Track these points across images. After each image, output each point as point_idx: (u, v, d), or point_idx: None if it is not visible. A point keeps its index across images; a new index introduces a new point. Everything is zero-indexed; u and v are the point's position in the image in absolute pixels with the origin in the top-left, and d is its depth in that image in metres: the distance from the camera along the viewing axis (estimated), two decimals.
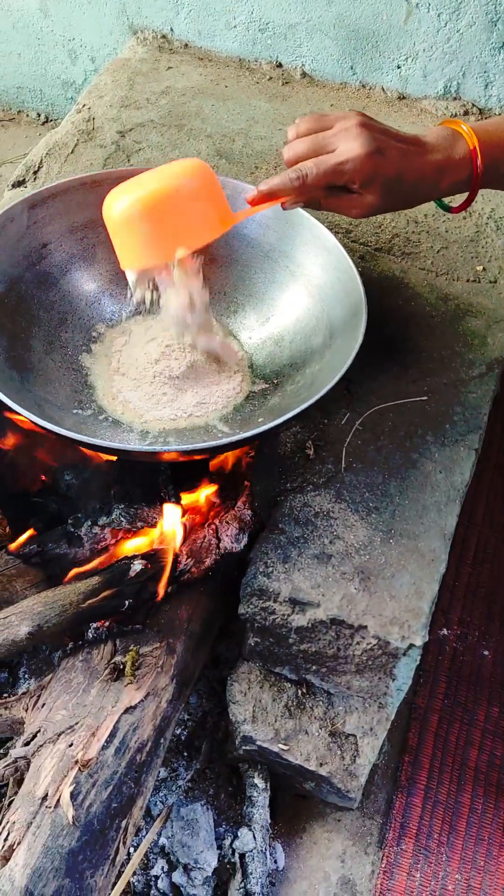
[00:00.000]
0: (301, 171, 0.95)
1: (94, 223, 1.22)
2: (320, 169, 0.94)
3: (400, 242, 1.42)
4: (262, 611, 1.06)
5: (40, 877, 0.88)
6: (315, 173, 0.95)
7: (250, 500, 1.22)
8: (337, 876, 1.18)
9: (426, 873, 1.21)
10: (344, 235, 1.42)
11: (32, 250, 1.17)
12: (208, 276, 1.27)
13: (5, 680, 1.30)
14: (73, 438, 0.94)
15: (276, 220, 1.21)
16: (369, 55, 1.72)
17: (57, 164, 1.51)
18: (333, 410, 1.19)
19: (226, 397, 1.17)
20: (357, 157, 0.93)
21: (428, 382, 1.23)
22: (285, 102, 1.71)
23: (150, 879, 1.13)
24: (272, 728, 1.12)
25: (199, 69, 1.79)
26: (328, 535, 1.08)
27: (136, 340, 1.20)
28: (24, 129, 2.24)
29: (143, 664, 1.10)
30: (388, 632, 1.02)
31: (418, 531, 1.09)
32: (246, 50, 1.81)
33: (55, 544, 1.17)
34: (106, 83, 1.71)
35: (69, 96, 2.19)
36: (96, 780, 0.97)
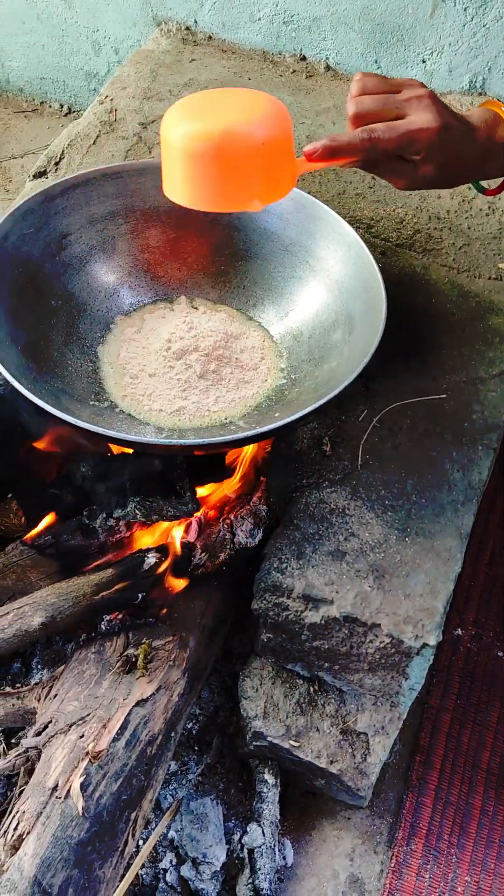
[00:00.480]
0: (373, 132, 0.90)
1: (115, 214, 1.22)
2: (393, 134, 0.90)
3: (421, 239, 1.41)
4: (275, 607, 1.06)
5: (49, 867, 0.89)
6: (387, 137, 0.90)
7: (266, 496, 1.21)
8: (346, 874, 1.18)
9: (435, 874, 1.20)
10: (365, 231, 1.41)
11: (52, 241, 1.17)
12: (227, 271, 1.27)
13: (18, 670, 1.31)
14: (89, 430, 0.94)
15: (296, 215, 1.20)
16: (394, 49, 1.70)
17: (79, 155, 1.51)
18: (351, 407, 1.18)
19: (245, 392, 1.16)
20: (431, 129, 0.90)
21: (447, 380, 1.22)
22: (308, 96, 1.70)
23: (159, 872, 1.14)
24: (283, 724, 1.11)
25: (222, 61, 1.78)
26: (343, 533, 1.07)
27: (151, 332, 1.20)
28: (46, 120, 2.23)
29: (156, 657, 1.10)
30: (401, 630, 1.01)
31: (434, 530, 1.08)
32: (270, 42, 1.80)
33: (70, 536, 1.18)
34: (129, 75, 1.71)
35: (92, 87, 2.19)
36: (106, 771, 0.97)
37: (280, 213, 1.22)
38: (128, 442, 1.01)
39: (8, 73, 2.24)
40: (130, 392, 1.15)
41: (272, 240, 1.23)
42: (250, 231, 1.25)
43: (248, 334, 1.22)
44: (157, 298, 1.26)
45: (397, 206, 1.45)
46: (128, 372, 1.16)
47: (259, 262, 1.25)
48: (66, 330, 1.17)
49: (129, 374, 1.16)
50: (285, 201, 1.20)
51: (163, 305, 1.25)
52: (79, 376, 1.14)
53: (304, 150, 0.93)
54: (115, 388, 1.15)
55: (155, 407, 1.13)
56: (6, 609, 1.08)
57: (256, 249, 1.25)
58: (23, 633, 1.06)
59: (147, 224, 1.24)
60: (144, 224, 1.24)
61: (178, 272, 1.27)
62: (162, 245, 1.26)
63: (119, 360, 1.18)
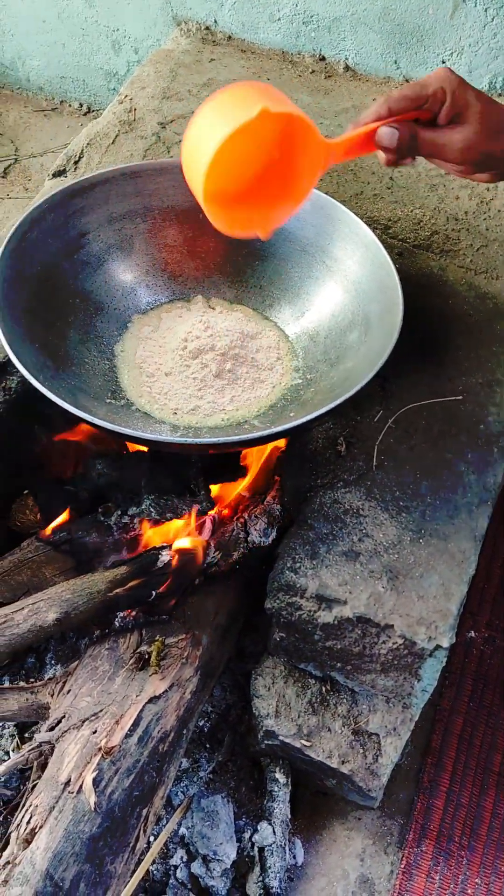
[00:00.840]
0: (382, 100, 0.91)
1: (133, 214, 1.23)
2: (401, 91, 0.90)
3: (439, 240, 1.40)
4: (288, 606, 1.06)
5: (61, 861, 0.89)
6: (396, 95, 0.90)
7: (280, 495, 1.22)
8: (356, 874, 1.18)
9: (446, 876, 1.20)
10: (382, 231, 1.41)
11: (70, 240, 1.18)
12: (244, 270, 1.27)
13: (32, 665, 1.32)
14: (105, 428, 0.94)
15: (313, 215, 1.20)
16: (414, 49, 1.70)
17: (98, 154, 1.52)
18: (367, 407, 1.18)
19: (260, 392, 1.16)
20: (441, 77, 0.90)
21: (463, 382, 1.21)
22: (327, 96, 1.70)
23: (169, 869, 1.14)
24: (295, 724, 1.11)
25: (241, 61, 1.79)
26: (357, 533, 1.07)
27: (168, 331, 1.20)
28: (66, 119, 2.25)
29: (169, 655, 1.10)
30: (414, 632, 1.01)
31: (449, 531, 1.08)
32: (289, 43, 1.80)
33: (85, 532, 1.18)
34: (148, 74, 1.72)
35: (112, 87, 2.20)
36: (119, 767, 0.97)
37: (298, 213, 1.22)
38: (143, 440, 1.01)
39: (28, 72, 2.25)
40: (146, 390, 1.15)
41: (289, 240, 1.24)
42: None
43: (264, 334, 1.22)
44: (174, 297, 1.27)
45: (415, 207, 1.45)
46: (144, 370, 1.17)
47: (276, 261, 1.25)
48: (84, 328, 1.18)
49: (145, 372, 1.17)
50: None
51: (179, 304, 1.26)
52: (95, 374, 1.15)
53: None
54: (132, 387, 1.16)
55: (171, 406, 1.13)
56: (21, 604, 1.09)
57: (273, 249, 1.25)
58: (37, 628, 1.06)
59: (165, 223, 1.25)
60: (162, 223, 1.25)
61: (195, 271, 1.27)
62: (179, 244, 1.26)
63: (135, 358, 1.19)
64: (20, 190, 2.03)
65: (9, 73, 2.27)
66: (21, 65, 2.24)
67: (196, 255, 1.27)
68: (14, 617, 1.06)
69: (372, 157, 1.53)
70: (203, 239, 1.26)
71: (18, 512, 1.25)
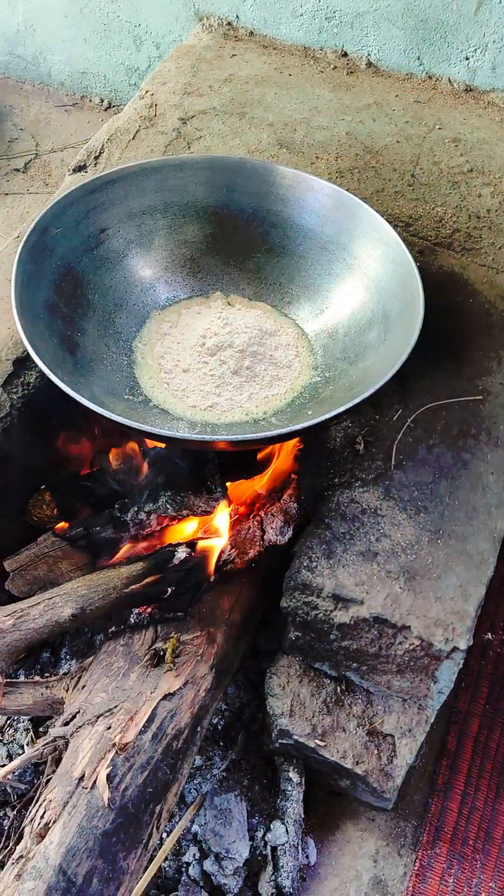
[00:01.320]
0: None
1: (153, 209, 1.23)
2: None
3: (461, 238, 1.39)
4: (304, 605, 1.06)
5: (74, 856, 0.89)
6: None
7: (297, 494, 1.21)
8: (369, 875, 1.17)
9: (459, 879, 1.19)
10: (403, 229, 1.39)
11: (90, 235, 1.18)
12: (263, 267, 1.27)
13: (47, 660, 1.32)
14: (123, 424, 0.94)
15: (334, 212, 1.20)
16: (437, 46, 1.69)
17: (118, 149, 1.52)
18: (385, 406, 1.18)
19: (278, 389, 1.16)
20: None
21: (483, 382, 1.20)
22: (349, 92, 1.69)
23: (182, 866, 1.14)
24: (309, 723, 1.11)
25: (263, 57, 1.78)
26: (375, 533, 1.07)
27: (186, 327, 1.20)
28: (86, 115, 2.25)
29: (184, 652, 1.10)
30: (431, 633, 1.00)
31: (467, 533, 1.07)
32: (311, 38, 1.79)
33: (101, 528, 1.18)
34: (169, 70, 1.71)
35: (132, 82, 2.19)
36: (132, 764, 0.97)
37: (318, 210, 1.22)
38: (161, 437, 1.01)
39: (50, 67, 2.25)
40: (164, 387, 1.15)
41: (310, 237, 1.23)
42: (287, 228, 1.24)
43: (283, 331, 1.21)
44: (193, 294, 1.26)
45: (437, 205, 1.44)
46: (162, 367, 1.17)
47: (296, 259, 1.25)
48: (103, 324, 1.18)
49: (163, 369, 1.17)
50: (323, 198, 1.21)
51: (198, 301, 1.25)
52: (114, 370, 1.15)
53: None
54: (150, 383, 1.16)
55: (188, 402, 1.13)
56: (37, 599, 1.09)
57: (293, 246, 1.24)
58: (53, 623, 1.06)
59: (185, 219, 1.24)
60: (182, 219, 1.24)
61: (215, 268, 1.27)
62: (199, 240, 1.26)
63: (154, 354, 1.18)
64: (40, 185, 2.03)
65: (30, 68, 2.28)
66: (43, 60, 2.24)
67: (216, 251, 1.27)
68: (30, 611, 1.07)
69: (393, 154, 1.53)
70: (223, 235, 1.26)
71: (36, 507, 1.25)
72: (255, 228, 1.25)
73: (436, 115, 1.63)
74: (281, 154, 1.51)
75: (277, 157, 1.50)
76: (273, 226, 1.25)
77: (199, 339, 1.16)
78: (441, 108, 1.65)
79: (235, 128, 1.57)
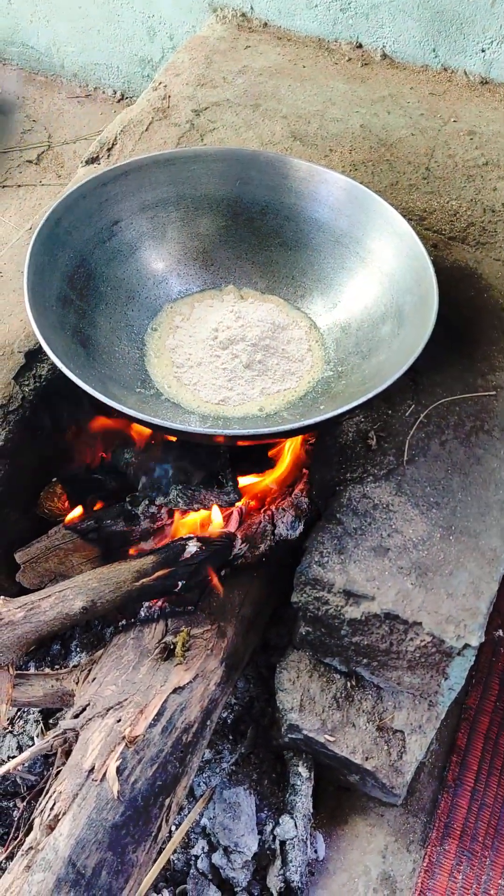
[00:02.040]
0: None
1: (166, 202, 1.22)
2: None
3: (475, 232, 1.38)
4: (315, 600, 1.05)
5: (83, 848, 0.90)
6: None
7: (308, 488, 1.21)
8: (377, 871, 1.17)
9: (468, 875, 1.19)
10: (417, 223, 1.38)
11: (103, 227, 1.17)
12: (276, 260, 1.26)
13: (57, 652, 1.32)
14: (134, 417, 0.94)
15: (348, 206, 1.19)
16: (453, 38, 1.67)
17: (131, 141, 1.51)
18: (398, 401, 1.17)
19: (291, 384, 1.15)
20: None
21: (497, 377, 1.19)
22: (364, 84, 1.68)
23: (191, 859, 1.14)
24: (319, 718, 1.11)
25: (277, 49, 1.77)
26: (386, 528, 1.06)
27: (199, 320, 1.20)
28: (99, 106, 2.24)
29: (194, 646, 1.10)
30: (443, 630, 1.00)
31: (480, 529, 1.06)
32: (326, 30, 1.78)
33: (112, 521, 1.18)
34: (183, 61, 1.70)
35: (146, 74, 2.18)
36: (142, 756, 0.97)
37: (332, 203, 1.21)
38: (172, 430, 1.01)
39: (63, 58, 2.25)
40: (176, 380, 1.15)
41: (323, 230, 1.22)
42: (301, 221, 1.24)
43: (296, 325, 1.21)
44: (206, 287, 1.26)
45: (451, 198, 1.42)
46: (174, 360, 1.16)
47: (309, 252, 1.24)
48: (115, 316, 1.17)
49: (175, 362, 1.16)
50: (337, 191, 1.20)
51: (211, 294, 1.25)
52: (126, 363, 1.15)
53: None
54: (161, 376, 1.15)
55: (200, 396, 1.13)
56: (48, 591, 1.09)
57: (307, 240, 1.24)
58: (63, 615, 1.06)
59: (198, 212, 1.24)
60: (195, 212, 1.24)
61: (227, 261, 1.27)
62: (212, 233, 1.25)
63: (166, 348, 1.18)
64: (53, 177, 2.02)
65: (43, 59, 2.27)
66: (56, 51, 2.24)
67: (228, 244, 1.26)
68: (41, 604, 1.07)
69: (408, 147, 1.51)
70: (236, 228, 1.25)
71: (47, 500, 1.25)
72: (269, 221, 1.25)
73: (451, 108, 1.62)
74: (295, 147, 1.50)
75: (291, 150, 1.49)
76: (286, 219, 1.24)
77: (212, 333, 1.16)
78: (456, 101, 1.64)
79: (249, 120, 1.56)
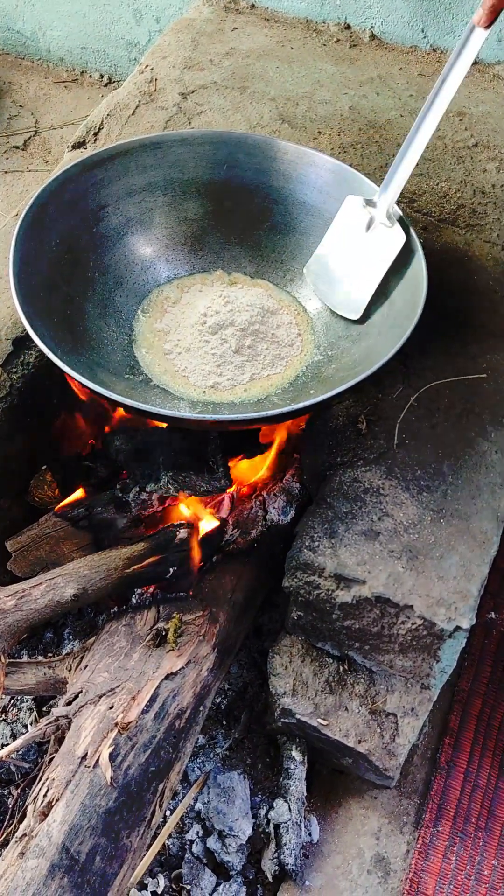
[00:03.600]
0: None
1: (153, 186, 1.21)
2: None
3: (465, 213, 1.37)
4: (306, 585, 1.05)
5: (77, 834, 0.90)
6: None
7: (299, 473, 1.20)
8: (371, 853, 1.18)
9: (462, 856, 1.19)
10: (407, 205, 1.38)
11: (90, 212, 1.16)
12: (265, 244, 1.25)
13: (50, 640, 1.32)
14: (123, 403, 0.94)
15: (337, 188, 1.18)
16: (441, 17, 1.66)
17: (118, 125, 1.50)
18: (388, 385, 1.16)
19: (280, 368, 1.15)
20: None
21: (487, 360, 1.19)
22: (352, 66, 1.66)
23: (185, 843, 1.15)
24: (312, 702, 1.11)
25: (264, 30, 1.75)
26: (377, 512, 1.06)
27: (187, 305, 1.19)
28: (86, 90, 2.22)
29: (186, 632, 1.10)
30: (434, 612, 1.00)
31: (470, 512, 1.06)
32: (314, 10, 1.76)
33: (103, 509, 1.18)
34: (169, 44, 1.69)
35: (133, 57, 2.16)
36: (135, 742, 0.98)
37: (320, 186, 1.20)
38: (161, 416, 1.01)
39: (49, 43, 2.22)
40: (165, 366, 1.14)
41: (312, 213, 1.21)
42: (289, 205, 1.23)
43: (285, 310, 1.20)
44: (194, 272, 1.25)
45: (441, 181, 1.42)
46: (163, 346, 1.16)
47: (298, 236, 1.23)
48: (103, 302, 1.17)
49: (164, 348, 1.16)
50: (326, 174, 1.19)
51: (200, 278, 1.24)
52: (114, 349, 1.14)
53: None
54: (150, 362, 1.15)
55: (190, 381, 1.12)
56: (39, 579, 1.09)
57: (296, 223, 1.23)
58: (55, 603, 1.06)
59: (185, 196, 1.23)
60: (183, 196, 1.23)
61: (216, 245, 1.26)
62: (200, 217, 1.24)
63: (154, 333, 1.17)
64: (40, 163, 2.00)
65: (29, 43, 2.25)
66: (42, 35, 2.21)
67: (217, 228, 1.25)
68: (32, 592, 1.07)
69: (397, 129, 1.50)
70: (224, 212, 1.24)
71: (37, 488, 1.25)
72: (257, 205, 1.24)
73: None
74: (283, 129, 1.49)
75: (279, 133, 1.48)
76: (275, 202, 1.23)
77: (200, 318, 1.15)
78: None
79: (236, 102, 1.55)
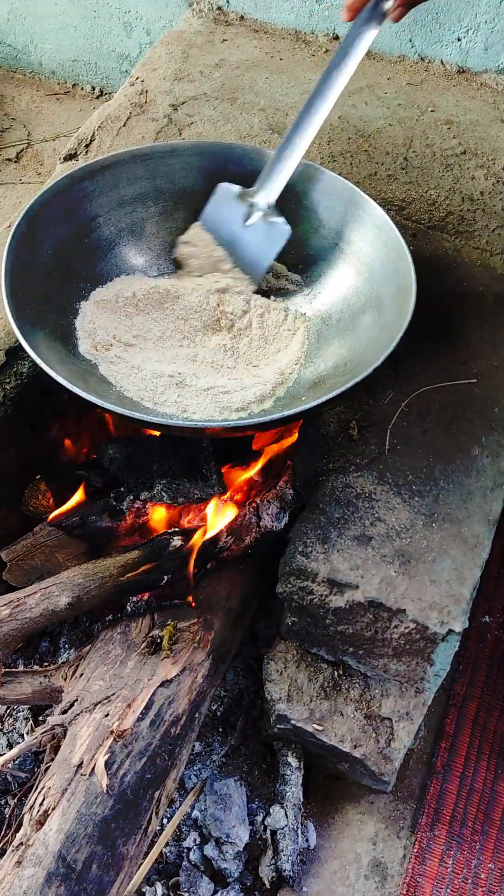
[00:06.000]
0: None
1: (144, 197, 1.22)
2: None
3: (454, 220, 1.39)
4: (300, 591, 1.06)
5: (73, 842, 0.90)
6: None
7: (292, 480, 1.21)
8: (368, 858, 1.18)
9: (458, 860, 1.20)
10: (396, 213, 1.39)
11: (81, 224, 1.17)
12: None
13: (46, 649, 1.32)
14: (117, 413, 0.94)
15: (327, 197, 1.19)
16: (429, 27, 1.67)
17: (109, 137, 1.51)
18: (379, 390, 1.17)
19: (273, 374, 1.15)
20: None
21: (477, 365, 1.20)
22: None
23: (183, 851, 1.15)
24: (307, 708, 1.11)
25: (254, 42, 1.76)
26: (369, 517, 1.07)
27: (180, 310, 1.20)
28: (78, 103, 2.23)
29: (181, 639, 1.10)
30: (427, 616, 1.01)
31: (462, 516, 1.07)
32: (302, 22, 1.77)
33: (97, 517, 1.18)
34: (160, 56, 1.70)
35: (123, 69, 2.18)
36: (131, 750, 0.98)
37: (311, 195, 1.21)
38: (155, 424, 1.01)
39: (40, 56, 2.24)
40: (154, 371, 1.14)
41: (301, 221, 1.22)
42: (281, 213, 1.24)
43: (277, 316, 1.21)
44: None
45: (430, 188, 1.43)
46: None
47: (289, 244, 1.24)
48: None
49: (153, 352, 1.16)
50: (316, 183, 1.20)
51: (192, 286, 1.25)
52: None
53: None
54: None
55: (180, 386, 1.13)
56: (34, 588, 1.09)
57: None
58: (50, 612, 1.07)
59: (176, 206, 1.24)
60: (174, 206, 1.24)
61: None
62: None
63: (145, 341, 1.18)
64: (32, 175, 2.02)
65: (21, 56, 2.26)
66: (33, 48, 2.22)
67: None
68: (27, 601, 1.07)
69: (386, 138, 1.51)
70: None
71: (31, 497, 1.25)
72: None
73: (428, 98, 1.62)
74: (273, 139, 1.50)
75: (269, 143, 1.49)
76: None
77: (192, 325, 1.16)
78: (433, 90, 1.64)
79: (227, 113, 1.56)
